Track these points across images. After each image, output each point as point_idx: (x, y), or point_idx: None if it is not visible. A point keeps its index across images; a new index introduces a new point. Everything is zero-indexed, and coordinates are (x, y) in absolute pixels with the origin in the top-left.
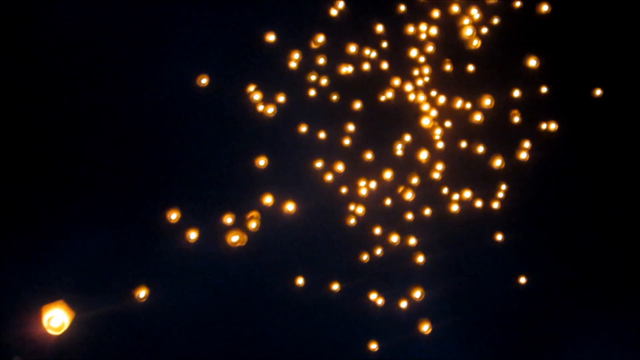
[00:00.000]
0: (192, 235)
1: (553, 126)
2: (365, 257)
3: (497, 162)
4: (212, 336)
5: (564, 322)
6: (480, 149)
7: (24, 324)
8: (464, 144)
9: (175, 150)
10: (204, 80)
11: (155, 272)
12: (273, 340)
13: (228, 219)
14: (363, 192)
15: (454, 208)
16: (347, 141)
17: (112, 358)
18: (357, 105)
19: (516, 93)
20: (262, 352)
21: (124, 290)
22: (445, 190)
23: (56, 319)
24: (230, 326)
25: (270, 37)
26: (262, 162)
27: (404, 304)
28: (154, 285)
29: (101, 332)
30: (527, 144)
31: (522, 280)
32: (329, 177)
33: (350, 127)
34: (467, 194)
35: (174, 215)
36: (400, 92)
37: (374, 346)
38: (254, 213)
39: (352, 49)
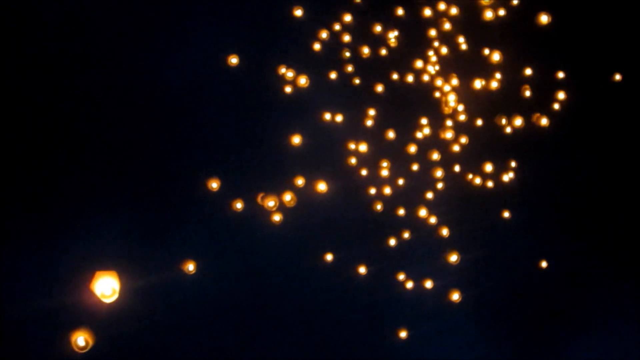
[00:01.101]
0: (238, 205)
1: (561, 95)
2: (392, 241)
3: (518, 122)
4: (243, 311)
5: (585, 301)
6: (502, 121)
7: (77, 291)
8: (480, 122)
9: (213, 128)
10: (234, 60)
11: (196, 245)
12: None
13: (261, 196)
14: (387, 172)
15: (477, 181)
16: (369, 122)
17: (160, 326)
18: (379, 88)
19: (529, 71)
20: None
21: (170, 260)
22: (467, 166)
23: (108, 287)
24: (258, 304)
25: (298, 12)
26: (296, 139)
27: (429, 284)
28: (194, 256)
29: (150, 301)
30: (544, 118)
31: (544, 264)
32: (354, 159)
33: (374, 111)
34: (489, 167)
35: (214, 184)
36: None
37: (403, 334)
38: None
39: (378, 28)
